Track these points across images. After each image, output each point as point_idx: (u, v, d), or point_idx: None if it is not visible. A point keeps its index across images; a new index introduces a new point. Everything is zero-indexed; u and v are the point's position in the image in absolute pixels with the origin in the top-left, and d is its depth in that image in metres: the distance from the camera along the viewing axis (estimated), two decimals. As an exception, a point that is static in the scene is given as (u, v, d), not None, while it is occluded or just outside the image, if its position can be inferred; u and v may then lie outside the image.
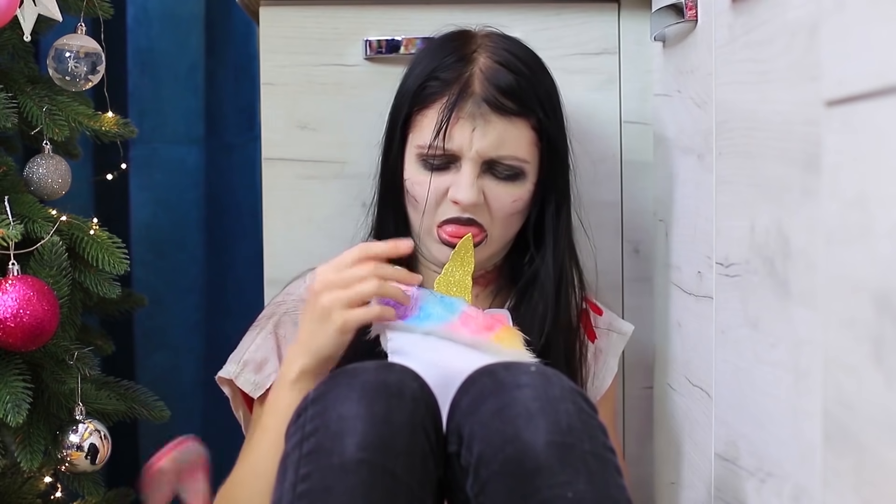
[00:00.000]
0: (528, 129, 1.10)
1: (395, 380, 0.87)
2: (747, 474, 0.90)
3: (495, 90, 1.08)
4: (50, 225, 1.19)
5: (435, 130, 1.08)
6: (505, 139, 1.08)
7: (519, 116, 1.09)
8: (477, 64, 1.10)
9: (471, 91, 1.08)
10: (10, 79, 1.26)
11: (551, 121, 1.12)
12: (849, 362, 0.65)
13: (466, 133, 1.08)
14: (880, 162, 0.60)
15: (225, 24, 1.80)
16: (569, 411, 0.85)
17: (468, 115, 1.08)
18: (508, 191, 1.11)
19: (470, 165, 1.08)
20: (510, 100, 1.08)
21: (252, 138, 1.74)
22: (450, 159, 1.09)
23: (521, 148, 1.10)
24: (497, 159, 1.09)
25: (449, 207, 1.10)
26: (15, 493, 1.27)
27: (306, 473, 0.81)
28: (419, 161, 1.11)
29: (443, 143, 1.08)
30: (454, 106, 1.08)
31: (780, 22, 0.79)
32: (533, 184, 1.13)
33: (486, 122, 1.08)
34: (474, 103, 1.08)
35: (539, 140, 1.11)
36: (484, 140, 1.08)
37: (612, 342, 1.22)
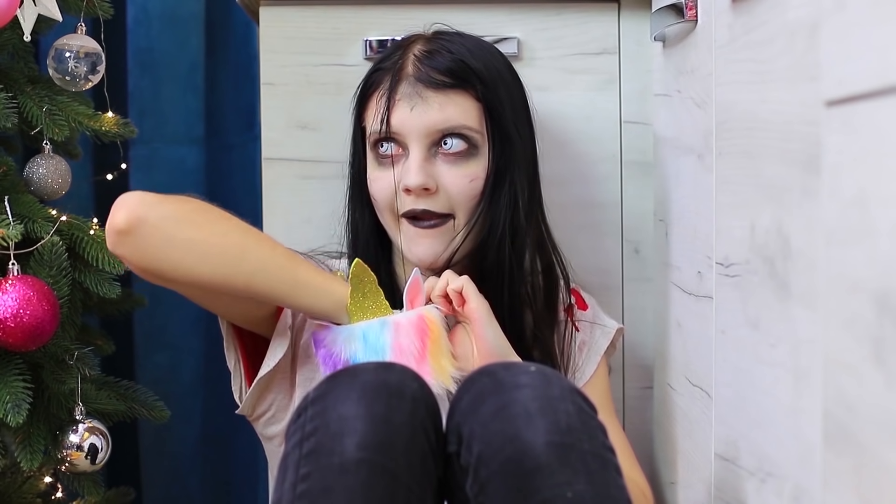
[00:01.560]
0: (470, 99, 1.11)
1: (396, 380, 0.87)
2: (747, 474, 0.90)
3: (427, 68, 1.10)
4: (50, 225, 1.19)
5: (378, 119, 1.10)
6: (448, 112, 1.09)
7: (454, 89, 1.10)
8: (412, 50, 1.13)
9: (404, 73, 1.11)
10: (10, 79, 1.26)
11: (493, 92, 1.11)
12: (849, 362, 0.65)
13: (405, 113, 1.09)
14: (880, 162, 0.60)
15: (225, 24, 1.80)
16: (569, 411, 0.85)
17: (405, 96, 1.10)
18: (462, 171, 1.10)
19: (416, 148, 1.09)
20: (443, 75, 1.10)
21: (252, 138, 1.74)
22: (399, 146, 1.10)
23: (464, 116, 1.10)
24: (443, 132, 1.09)
25: (405, 200, 1.10)
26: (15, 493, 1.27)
27: (306, 473, 0.81)
28: (374, 158, 1.13)
29: (384, 128, 1.09)
30: (390, 89, 1.10)
31: (780, 22, 0.79)
32: (486, 162, 1.11)
33: (423, 100, 1.09)
34: (409, 84, 1.10)
35: (485, 112, 1.11)
36: (425, 116, 1.09)
37: (596, 337, 1.21)
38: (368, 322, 1.01)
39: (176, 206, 1.00)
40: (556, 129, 1.33)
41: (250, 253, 0.99)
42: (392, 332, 1.00)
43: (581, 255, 1.30)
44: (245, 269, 0.99)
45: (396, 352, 0.99)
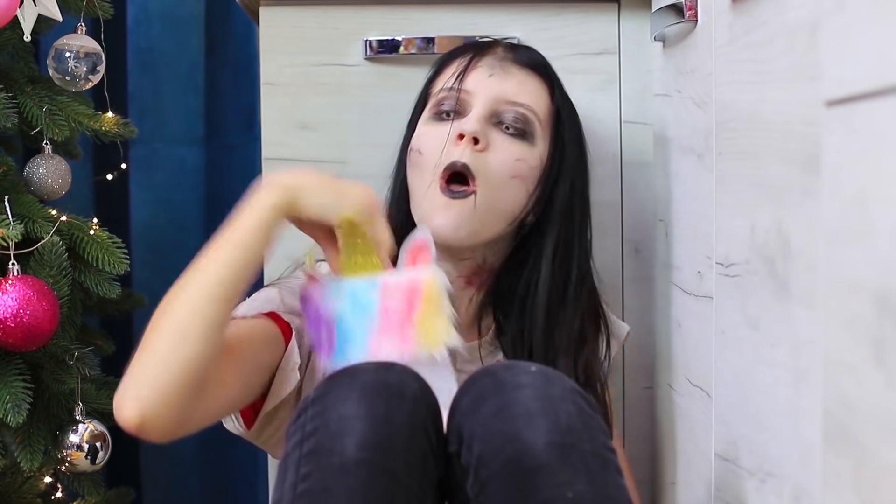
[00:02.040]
0: (545, 89, 1.13)
1: (396, 380, 0.87)
2: (747, 474, 0.90)
3: (520, 51, 1.13)
4: (50, 225, 1.19)
5: (454, 76, 1.10)
6: (522, 87, 1.10)
7: (538, 74, 1.12)
8: (497, 43, 1.15)
9: (491, 51, 1.12)
10: (10, 79, 1.26)
11: (564, 103, 1.14)
12: (849, 362, 0.65)
13: (483, 76, 1.10)
14: (880, 162, 0.60)
15: (225, 24, 1.80)
16: (569, 411, 0.85)
17: (486, 65, 1.11)
18: (513, 147, 1.09)
19: (480, 108, 1.08)
20: (533, 59, 1.12)
21: (252, 138, 1.74)
22: (461, 107, 1.10)
23: (536, 101, 1.11)
24: (510, 104, 1.09)
25: (451, 152, 1.07)
26: (15, 493, 1.27)
27: (306, 473, 0.81)
28: (430, 115, 1.12)
29: (456, 84, 1.09)
30: (473, 56, 1.11)
31: (780, 22, 0.79)
32: (540, 155, 1.11)
33: (504, 72, 1.10)
34: (494, 58, 1.12)
35: (552, 111, 1.13)
36: (500, 84, 1.09)
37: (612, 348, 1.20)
38: (358, 280, 0.96)
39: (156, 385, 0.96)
40: (556, 129, 1.32)
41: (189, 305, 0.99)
42: (380, 292, 0.95)
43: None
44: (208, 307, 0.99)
45: (383, 314, 0.94)
